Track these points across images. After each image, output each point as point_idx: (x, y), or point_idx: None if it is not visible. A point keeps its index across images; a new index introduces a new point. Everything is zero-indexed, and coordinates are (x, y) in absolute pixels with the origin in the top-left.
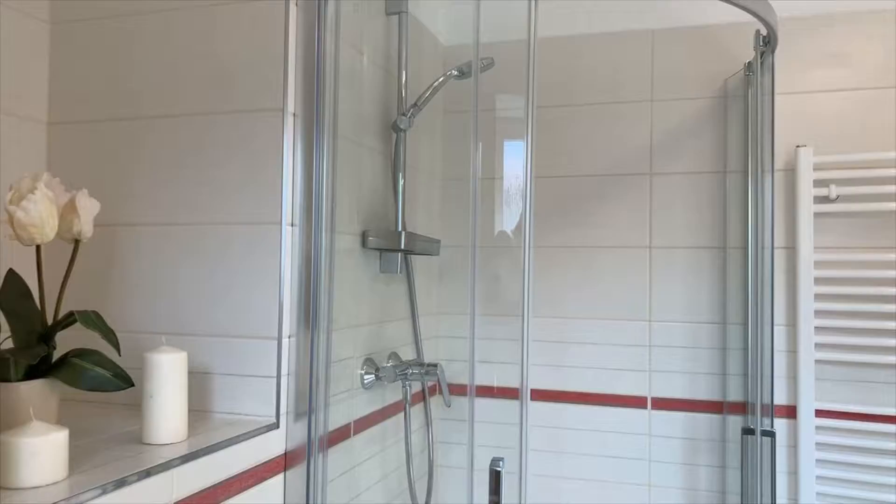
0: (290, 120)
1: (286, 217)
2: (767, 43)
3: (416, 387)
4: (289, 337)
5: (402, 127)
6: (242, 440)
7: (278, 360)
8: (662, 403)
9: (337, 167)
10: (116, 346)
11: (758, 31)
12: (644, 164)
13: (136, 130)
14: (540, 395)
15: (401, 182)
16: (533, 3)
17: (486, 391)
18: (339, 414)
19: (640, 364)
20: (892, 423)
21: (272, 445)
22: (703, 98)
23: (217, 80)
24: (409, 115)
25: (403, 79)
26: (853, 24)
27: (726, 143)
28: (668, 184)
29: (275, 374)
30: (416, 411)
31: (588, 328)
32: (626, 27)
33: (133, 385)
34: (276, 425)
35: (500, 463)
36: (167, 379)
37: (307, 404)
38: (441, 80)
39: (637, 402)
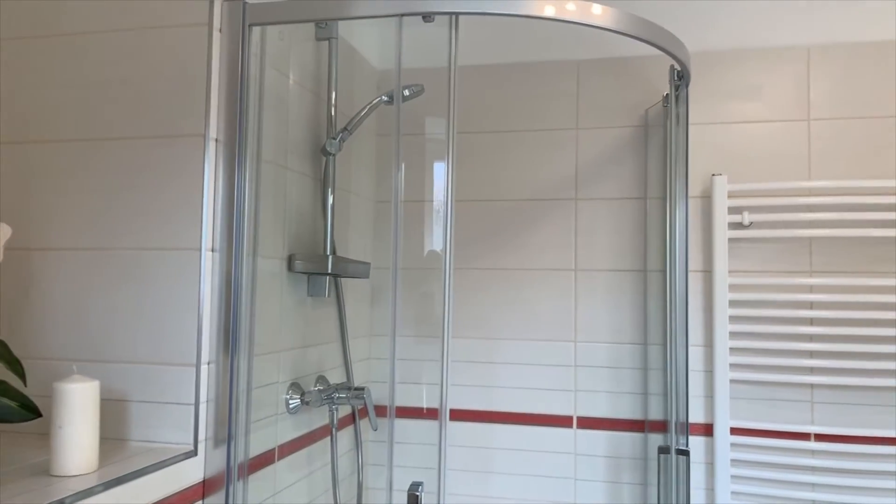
0: (211, 145)
1: (206, 242)
2: (681, 77)
3: (346, 410)
4: (208, 363)
5: (330, 151)
6: (157, 469)
7: (196, 386)
8: (587, 423)
9: (261, 192)
10: (22, 376)
11: (672, 66)
12: (570, 190)
13: (52, 154)
14: (469, 416)
15: (330, 205)
16: (453, 31)
17: (416, 412)
18: (262, 439)
19: (566, 384)
20: (802, 439)
21: (190, 473)
22: (625, 127)
23: (137, 105)
24: (338, 138)
25: (333, 103)
26: (765, 59)
27: (647, 170)
28: (592, 209)
29: (193, 401)
30: (347, 434)
31: (516, 349)
32: (554, 57)
33: (41, 416)
34: (194, 452)
35: (420, 488)
36: (77, 409)
37: (227, 430)
38: (370, 105)
39: (563, 421)
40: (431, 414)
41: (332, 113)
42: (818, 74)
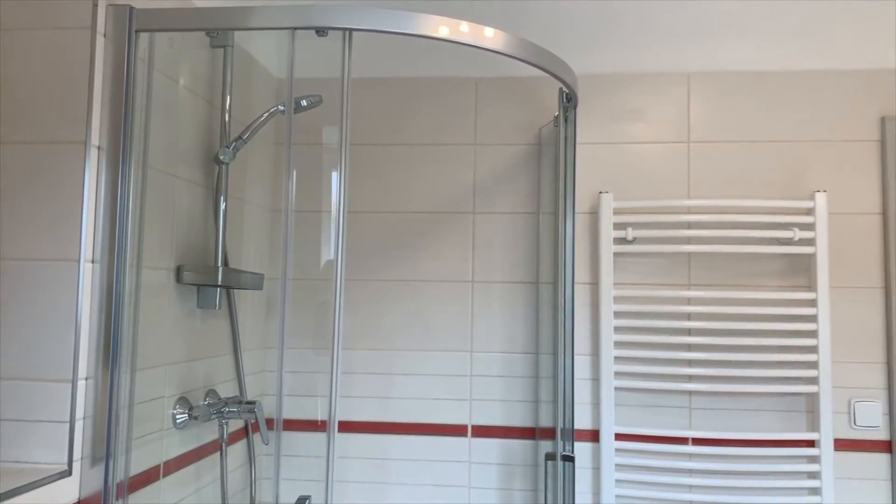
0: (93, 152)
1: (86, 253)
2: (570, 100)
3: (239, 424)
4: (86, 378)
5: (223, 159)
6: (27, 490)
7: (72, 403)
8: (482, 431)
9: (147, 200)
10: None
11: (560, 89)
12: (468, 203)
13: None
14: (365, 428)
15: (222, 215)
16: (347, 46)
17: (311, 425)
18: (146, 456)
19: (462, 393)
20: (681, 443)
21: (63, 494)
22: (520, 144)
23: (15, 109)
24: (231, 147)
25: (227, 111)
26: (649, 84)
27: (540, 186)
28: (489, 222)
29: (68, 419)
30: (241, 449)
31: (413, 359)
32: (454, 74)
33: None
34: (69, 472)
35: (307, 501)
36: None
37: (105, 448)
38: (267, 114)
39: (458, 430)
40: (326, 426)
41: (227, 121)
42: (697, 100)
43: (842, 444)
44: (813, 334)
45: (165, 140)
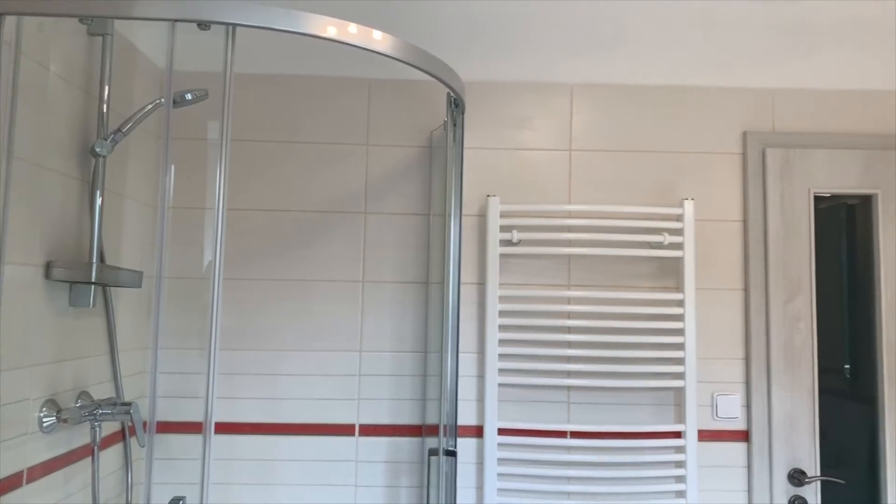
0: None
1: None
2: (457, 105)
3: (117, 427)
4: None
5: (100, 152)
6: None
7: None
8: (369, 430)
9: (10, 193)
10: None
11: (448, 94)
12: (359, 203)
13: None
14: (251, 429)
15: (98, 210)
16: (230, 41)
17: (193, 427)
18: (7, 462)
19: (350, 393)
20: (560, 437)
21: None
22: (412, 146)
23: None
24: (109, 139)
25: (104, 102)
26: (536, 93)
27: (431, 188)
28: (380, 223)
29: None
30: (118, 452)
31: (302, 360)
32: (348, 74)
33: None
34: None
35: (181, 502)
36: None
37: None
38: (151, 106)
39: (346, 429)
40: (214, 428)
41: (105, 112)
42: (579, 110)
43: (705, 435)
44: (680, 332)
45: (34, 129)
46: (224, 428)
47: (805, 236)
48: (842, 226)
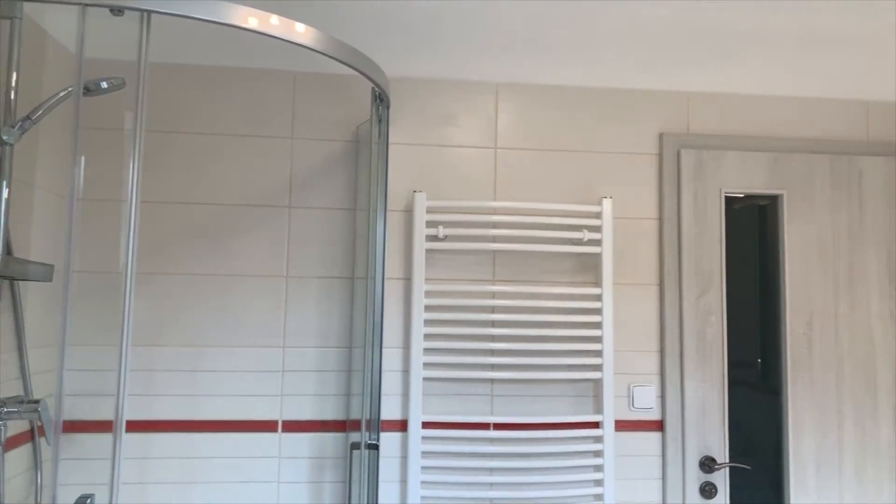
0: None
1: None
2: (382, 100)
3: (26, 426)
4: None
5: (6, 139)
6: None
7: None
8: (293, 426)
9: None
10: None
11: (373, 89)
12: (284, 198)
13: None
14: (170, 426)
15: (4, 200)
16: (145, 27)
17: (106, 426)
18: None
19: (273, 389)
20: (483, 429)
21: None
22: (338, 141)
23: None
24: (17, 126)
25: (11, 88)
26: (462, 91)
27: (356, 183)
28: (305, 217)
29: None
30: (27, 452)
31: (223, 356)
32: (272, 66)
33: None
34: None
35: (89, 500)
36: None
37: None
38: (64, 93)
39: (268, 426)
40: (129, 427)
41: (12, 98)
42: (504, 108)
43: (622, 425)
44: (598, 326)
45: None
46: (140, 426)
47: (716, 234)
48: (754, 225)
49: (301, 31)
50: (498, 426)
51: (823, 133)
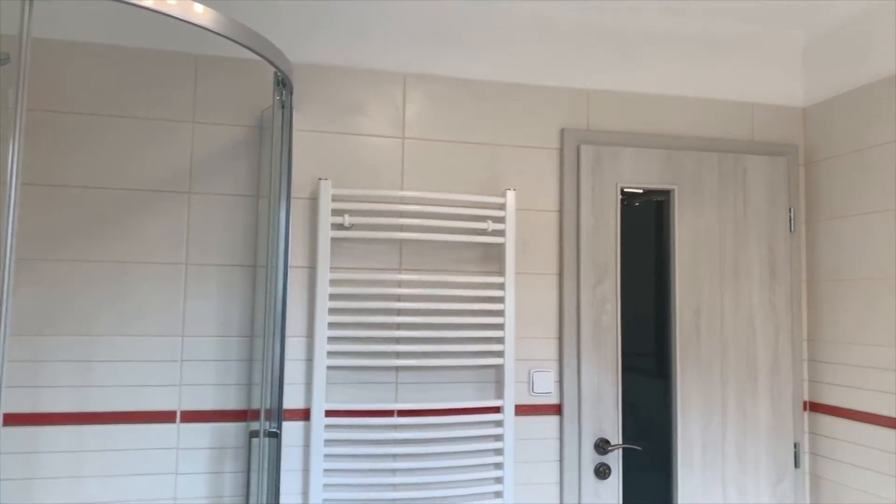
0: None
1: None
2: (285, 84)
3: None
4: None
5: None
6: None
7: None
8: (192, 416)
9: None
10: None
11: (276, 74)
12: (184, 183)
13: None
14: (60, 419)
15: None
16: (28, 2)
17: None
18: None
19: (171, 379)
20: (388, 416)
21: None
22: (241, 126)
23: None
24: None
25: None
26: (370, 80)
27: (260, 169)
28: (206, 203)
29: None
30: None
31: (118, 345)
32: (172, 48)
33: None
34: None
35: None
36: None
37: None
38: None
39: (166, 416)
40: (13, 420)
41: None
42: (413, 99)
43: (522, 410)
44: (501, 314)
45: None
46: (25, 419)
47: (612, 226)
48: (651, 219)
49: (199, 12)
50: (402, 413)
51: (713, 132)
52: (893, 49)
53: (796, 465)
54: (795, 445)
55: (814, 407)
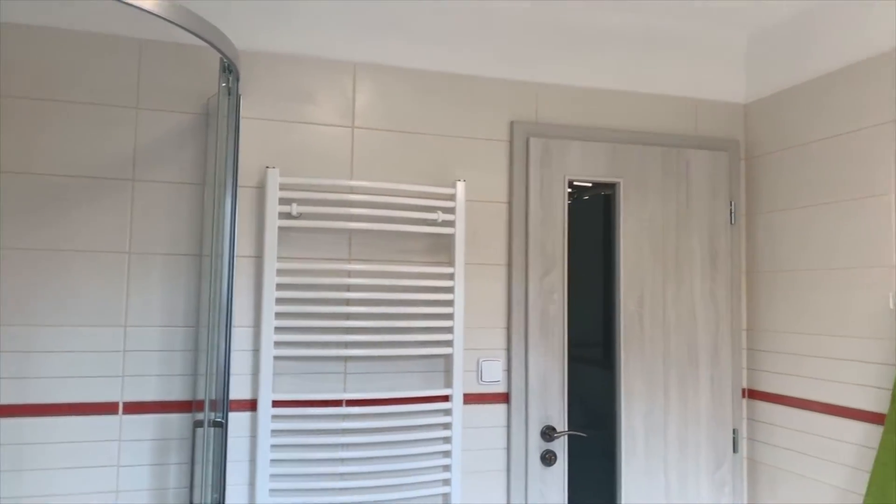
0: None
1: None
2: (231, 71)
3: None
4: None
5: None
6: None
7: None
8: (135, 407)
9: None
10: None
11: (221, 60)
12: (127, 170)
13: None
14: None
15: None
16: None
17: None
18: None
19: (114, 370)
20: (336, 406)
21: None
22: (187, 113)
23: None
24: None
25: None
26: (320, 69)
27: (206, 157)
28: (150, 191)
29: None
30: None
31: (57, 336)
32: (115, 31)
33: None
34: None
35: None
36: None
37: None
38: None
39: (108, 408)
40: None
41: None
42: (362, 88)
43: (470, 398)
44: (450, 304)
45: None
46: None
47: (560, 218)
48: (599, 212)
49: None
50: (350, 402)
51: (657, 127)
52: (830, 48)
53: (735, 450)
54: (734, 431)
55: (752, 394)
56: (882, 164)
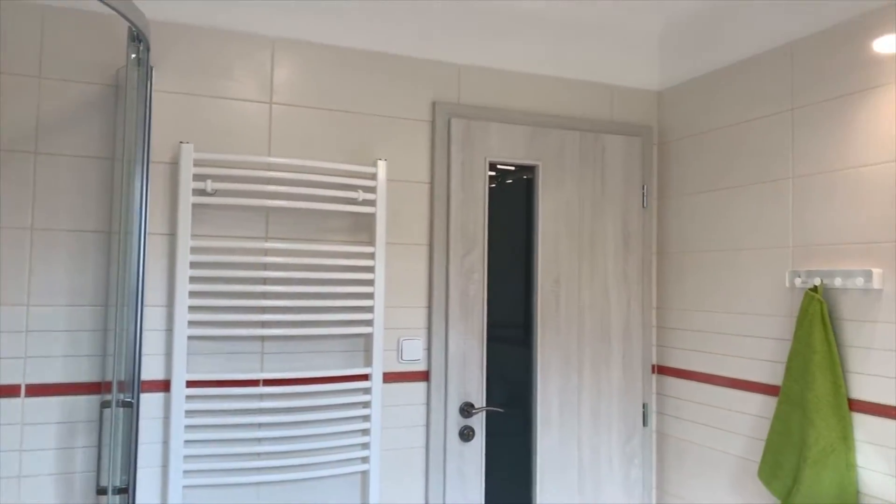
0: None
1: None
2: (140, 40)
3: None
4: None
5: None
6: None
7: None
8: (38, 390)
9: None
10: None
11: (130, 29)
12: (29, 142)
13: None
14: None
15: None
16: None
17: None
18: None
19: (15, 351)
20: (253, 386)
21: None
22: (95, 84)
23: None
24: None
25: None
26: (236, 42)
27: (115, 131)
28: (54, 165)
29: None
30: None
31: None
32: None
33: None
34: None
35: None
36: None
37: None
38: None
39: (9, 391)
40: None
41: None
42: (281, 64)
43: (390, 377)
44: (371, 283)
45: None
46: None
47: (481, 198)
48: (521, 194)
49: None
50: (268, 382)
51: (575, 111)
52: (735, 40)
53: (644, 423)
54: (644, 406)
55: (661, 370)
56: (780, 151)
